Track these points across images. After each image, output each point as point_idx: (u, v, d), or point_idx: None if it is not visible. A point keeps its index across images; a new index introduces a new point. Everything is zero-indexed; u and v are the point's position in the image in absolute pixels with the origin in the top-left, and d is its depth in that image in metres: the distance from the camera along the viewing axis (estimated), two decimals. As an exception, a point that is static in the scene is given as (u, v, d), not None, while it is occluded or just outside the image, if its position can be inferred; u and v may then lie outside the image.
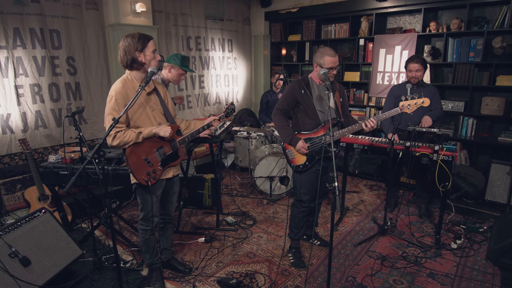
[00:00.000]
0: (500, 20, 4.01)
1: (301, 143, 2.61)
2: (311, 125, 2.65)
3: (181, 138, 2.39)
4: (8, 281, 2.16)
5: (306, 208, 2.78)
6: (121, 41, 2.17)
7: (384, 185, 4.52)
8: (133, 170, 2.19)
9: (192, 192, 3.71)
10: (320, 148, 2.61)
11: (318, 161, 2.64)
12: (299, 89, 2.64)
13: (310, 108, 2.63)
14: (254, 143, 4.58)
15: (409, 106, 2.54)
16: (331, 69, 2.50)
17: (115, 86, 2.18)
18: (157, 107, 2.33)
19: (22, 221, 2.48)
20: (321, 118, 2.63)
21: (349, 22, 5.19)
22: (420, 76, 3.38)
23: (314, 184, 2.68)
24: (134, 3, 4.13)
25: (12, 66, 3.44)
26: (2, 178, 3.38)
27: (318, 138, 2.62)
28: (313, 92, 2.64)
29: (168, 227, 2.66)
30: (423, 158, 2.94)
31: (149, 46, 2.17)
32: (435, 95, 3.42)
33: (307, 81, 2.67)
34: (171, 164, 2.38)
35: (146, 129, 2.20)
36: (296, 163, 2.71)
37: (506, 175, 3.79)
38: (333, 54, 2.51)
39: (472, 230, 3.31)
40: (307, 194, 2.73)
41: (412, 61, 3.36)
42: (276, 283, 2.61)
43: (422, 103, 2.53)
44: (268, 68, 6.35)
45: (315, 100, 2.63)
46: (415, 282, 2.60)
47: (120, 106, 2.13)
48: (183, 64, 2.95)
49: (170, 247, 2.74)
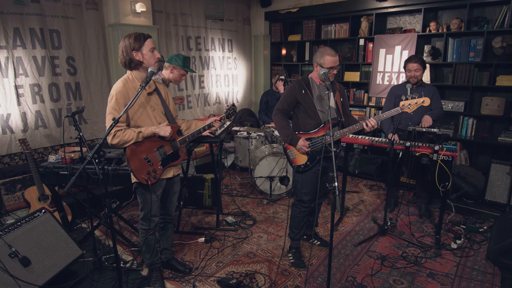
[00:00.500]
0: (500, 20, 4.01)
1: (302, 141, 2.61)
2: (311, 125, 2.64)
3: (181, 138, 2.39)
4: (8, 281, 2.16)
5: (307, 208, 2.78)
6: (121, 42, 2.19)
7: (384, 185, 4.52)
8: (134, 169, 2.19)
9: (192, 192, 3.72)
10: (321, 148, 2.60)
11: (319, 161, 2.63)
12: (299, 89, 2.64)
13: (311, 108, 2.62)
14: (254, 143, 4.58)
15: (409, 105, 2.54)
16: (331, 68, 2.50)
17: (116, 85, 2.20)
18: (157, 107, 2.34)
19: (22, 221, 2.48)
20: (321, 118, 2.63)
21: (349, 22, 5.20)
22: (419, 76, 3.38)
23: (315, 184, 2.68)
24: (134, 3, 4.13)
25: (12, 66, 3.44)
26: (2, 178, 3.38)
27: (319, 138, 2.62)
28: (313, 92, 2.63)
29: (168, 227, 2.66)
30: (423, 158, 2.94)
31: (146, 45, 2.17)
32: (434, 94, 3.41)
33: (307, 81, 2.66)
34: (171, 164, 2.38)
35: (147, 129, 2.21)
36: (298, 163, 2.70)
37: (506, 175, 3.79)
38: (334, 54, 2.51)
39: (472, 230, 3.31)
40: (308, 194, 2.73)
41: (411, 61, 3.36)
42: (276, 283, 2.61)
43: (422, 102, 2.53)
44: (268, 68, 6.35)
45: (316, 100, 2.62)
46: (415, 282, 2.60)
47: (121, 105, 2.14)
48: (185, 65, 2.99)
49: (170, 247, 2.74)
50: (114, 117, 2.00)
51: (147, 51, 2.18)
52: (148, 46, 2.17)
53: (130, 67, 2.21)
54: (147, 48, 2.17)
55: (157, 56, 2.24)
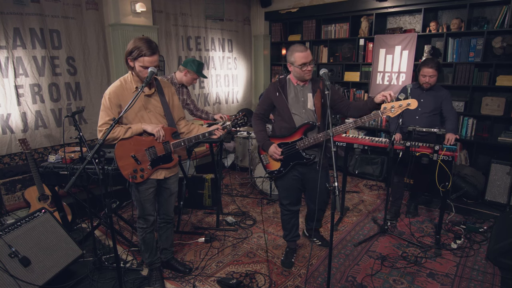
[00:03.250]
0: (500, 20, 4.01)
1: (273, 148, 2.51)
2: (285, 129, 2.53)
3: (176, 142, 2.33)
4: (8, 281, 2.16)
5: (288, 211, 2.74)
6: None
7: (384, 185, 4.52)
8: (120, 165, 2.22)
9: (192, 192, 3.72)
10: (295, 154, 2.50)
11: (294, 166, 2.56)
12: (273, 92, 2.53)
13: (285, 111, 2.50)
14: (254, 143, 4.58)
15: (392, 108, 2.21)
16: (303, 65, 2.36)
17: (112, 84, 2.23)
18: (155, 109, 2.32)
19: (22, 221, 2.48)
20: (296, 121, 2.49)
21: (349, 22, 5.19)
22: (433, 82, 3.14)
23: (293, 190, 2.65)
24: (134, 3, 4.13)
25: (12, 66, 3.44)
26: (2, 178, 3.38)
27: (293, 143, 2.51)
28: (288, 93, 2.50)
29: (167, 227, 2.65)
30: (423, 158, 2.94)
31: (140, 60, 2.12)
32: (445, 99, 3.19)
33: (283, 83, 2.53)
34: (162, 166, 2.34)
35: (136, 125, 2.24)
36: (271, 169, 2.64)
37: (506, 175, 3.79)
38: (303, 49, 2.36)
39: (472, 230, 3.31)
40: (286, 199, 2.70)
41: (427, 65, 3.09)
42: (276, 283, 2.61)
43: (408, 105, 2.19)
44: (268, 68, 6.35)
45: (290, 103, 2.49)
46: (415, 282, 2.60)
47: (113, 105, 2.18)
48: (199, 70, 3.22)
49: (170, 247, 2.74)
50: (108, 114, 2.16)
51: (138, 66, 2.15)
52: (140, 62, 2.13)
53: (128, 67, 2.24)
54: (139, 64, 2.14)
55: (145, 74, 2.16)
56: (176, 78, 3.28)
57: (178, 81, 3.28)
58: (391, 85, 4.86)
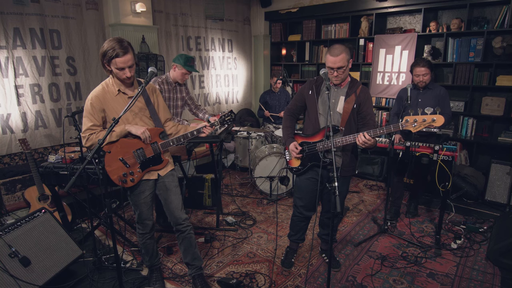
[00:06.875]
0: (500, 20, 4.01)
1: (293, 145, 2.47)
2: (310, 129, 2.49)
3: (164, 142, 2.25)
4: (8, 281, 2.16)
5: (301, 214, 2.68)
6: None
7: (384, 185, 4.52)
8: (108, 170, 2.16)
9: (192, 192, 3.71)
10: (314, 155, 2.47)
11: (312, 167, 2.51)
12: (307, 90, 2.47)
13: (313, 110, 2.46)
14: (254, 143, 4.58)
15: (414, 123, 2.06)
16: (330, 69, 2.30)
17: (94, 89, 2.16)
18: (140, 111, 2.25)
19: (22, 221, 2.48)
20: (321, 122, 2.44)
21: (349, 22, 5.20)
22: (428, 80, 3.21)
23: (309, 192, 2.57)
24: (134, 3, 4.13)
25: (12, 66, 3.44)
26: (2, 178, 3.38)
27: (313, 144, 2.45)
28: (321, 93, 2.41)
29: (183, 237, 2.41)
30: (423, 158, 2.94)
31: (114, 62, 2.02)
32: (441, 98, 3.23)
33: (320, 81, 2.43)
34: (153, 168, 2.28)
35: (120, 127, 2.15)
36: (292, 165, 2.63)
37: (506, 175, 3.79)
38: (335, 53, 2.25)
39: (472, 230, 3.31)
40: (301, 200, 2.63)
41: (418, 64, 3.18)
42: (276, 283, 2.61)
43: (433, 121, 2.02)
44: (268, 68, 6.35)
45: (320, 103, 2.43)
46: (415, 282, 2.60)
47: (95, 110, 2.12)
48: (186, 64, 3.09)
49: (192, 261, 2.46)
50: (91, 119, 2.11)
51: (114, 69, 2.07)
52: (114, 65, 2.04)
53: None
54: (114, 66, 2.05)
55: (127, 75, 2.08)
56: (170, 76, 3.22)
57: (172, 79, 3.22)
58: (391, 85, 4.86)
